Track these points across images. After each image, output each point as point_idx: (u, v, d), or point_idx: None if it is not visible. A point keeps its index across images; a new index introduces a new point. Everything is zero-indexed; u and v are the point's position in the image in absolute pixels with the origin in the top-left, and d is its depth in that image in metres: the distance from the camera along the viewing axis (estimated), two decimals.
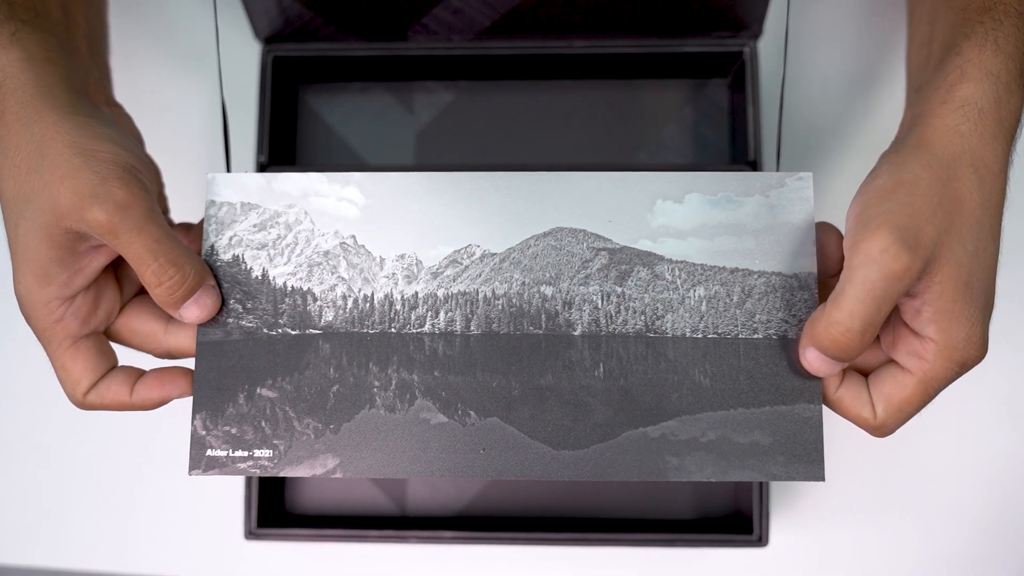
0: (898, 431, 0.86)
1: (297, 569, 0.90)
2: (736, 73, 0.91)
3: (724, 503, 0.87)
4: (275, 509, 0.86)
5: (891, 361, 0.63)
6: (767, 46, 0.89)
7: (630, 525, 0.85)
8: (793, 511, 0.88)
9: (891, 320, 0.62)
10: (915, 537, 0.88)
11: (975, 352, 0.60)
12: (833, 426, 0.85)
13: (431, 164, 0.91)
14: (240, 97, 0.90)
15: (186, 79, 0.93)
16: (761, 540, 0.81)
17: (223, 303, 0.65)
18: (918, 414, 0.63)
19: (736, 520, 0.86)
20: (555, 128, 0.93)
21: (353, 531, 0.83)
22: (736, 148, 0.90)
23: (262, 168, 0.86)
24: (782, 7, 0.87)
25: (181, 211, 0.74)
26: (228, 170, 0.71)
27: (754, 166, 0.85)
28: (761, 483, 0.81)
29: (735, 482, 0.86)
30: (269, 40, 0.89)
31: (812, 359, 0.61)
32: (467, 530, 0.83)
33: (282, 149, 0.90)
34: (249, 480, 0.83)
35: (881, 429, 0.63)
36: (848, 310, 0.57)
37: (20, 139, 0.60)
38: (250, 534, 0.83)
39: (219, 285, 0.65)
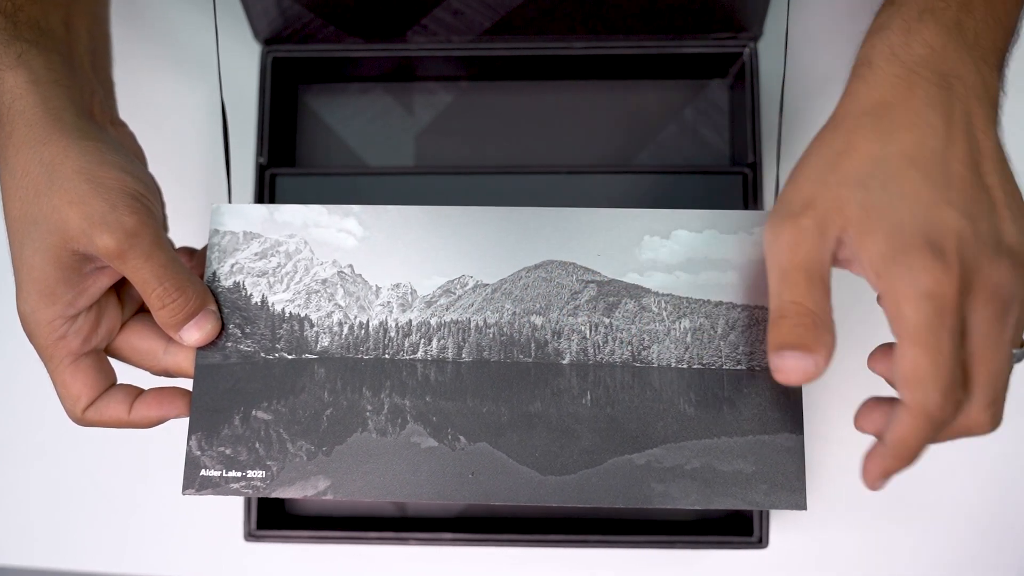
0: None
1: (297, 571, 0.90)
2: (736, 74, 0.91)
3: None
4: (275, 511, 0.87)
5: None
6: (767, 47, 0.89)
7: (630, 526, 0.85)
8: (793, 512, 0.88)
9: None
10: (915, 538, 0.88)
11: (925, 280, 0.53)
12: (833, 429, 0.86)
13: (431, 165, 0.92)
14: (240, 98, 0.91)
15: (186, 80, 0.93)
16: (761, 541, 0.82)
17: (223, 327, 0.67)
18: None
19: (736, 521, 0.86)
20: (555, 128, 0.93)
21: (353, 533, 0.84)
22: (736, 149, 0.91)
23: (262, 170, 0.87)
24: (782, 8, 0.86)
25: (181, 212, 0.75)
26: (228, 171, 0.73)
27: (754, 168, 0.86)
28: None
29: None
30: (269, 41, 0.90)
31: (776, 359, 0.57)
32: (467, 531, 0.83)
33: (282, 150, 0.91)
34: None
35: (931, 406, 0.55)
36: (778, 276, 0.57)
37: (28, 162, 0.61)
38: (250, 535, 0.83)
39: (219, 310, 0.67)
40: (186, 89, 0.93)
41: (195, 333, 0.65)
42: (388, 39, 0.89)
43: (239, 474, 0.65)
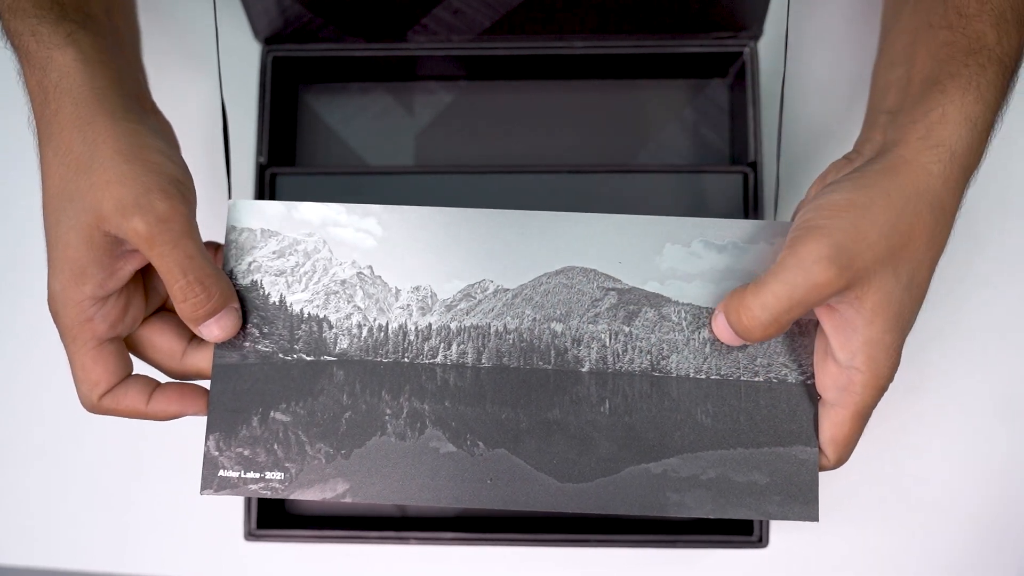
0: (896, 432, 0.88)
1: (297, 570, 0.90)
2: (736, 74, 0.91)
3: None
4: (275, 510, 0.86)
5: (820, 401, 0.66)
6: (767, 47, 0.90)
7: (630, 526, 0.85)
8: None
9: (820, 360, 0.65)
10: (915, 538, 0.89)
11: (893, 376, 0.63)
12: None
13: (431, 165, 0.91)
14: (240, 98, 0.90)
15: (186, 80, 0.93)
16: (761, 541, 0.82)
17: (243, 324, 0.66)
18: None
19: (736, 521, 0.85)
20: (555, 128, 0.93)
21: (353, 532, 0.83)
22: (736, 149, 0.91)
23: (262, 169, 0.86)
24: (782, 8, 0.86)
25: None
26: (228, 171, 0.72)
27: (754, 167, 0.86)
28: None
29: None
30: (269, 40, 0.89)
31: (719, 324, 0.64)
32: (467, 531, 0.83)
33: (282, 150, 0.90)
34: None
35: (838, 465, 0.67)
36: (762, 301, 0.60)
37: (72, 139, 0.61)
38: (250, 535, 0.83)
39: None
40: (186, 88, 0.92)
41: (215, 330, 0.64)
42: (388, 39, 0.89)
43: (257, 475, 0.65)
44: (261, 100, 0.88)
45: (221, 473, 0.65)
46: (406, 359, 0.66)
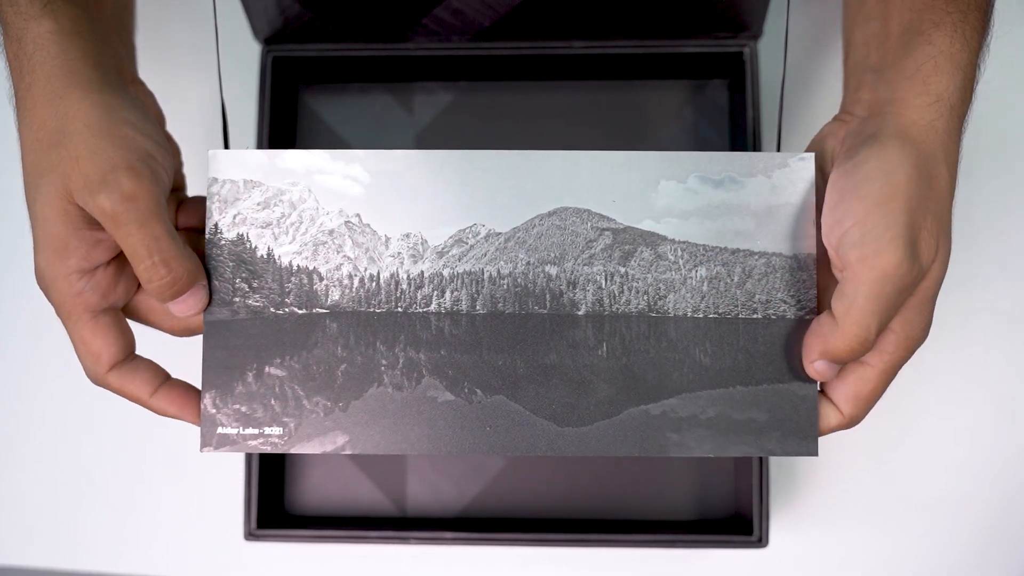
0: (896, 432, 0.88)
1: (297, 570, 0.90)
2: (736, 74, 0.91)
3: (724, 504, 0.87)
4: (275, 510, 0.86)
5: None
6: (767, 47, 0.90)
7: (630, 526, 0.85)
8: (793, 512, 0.89)
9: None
10: (915, 538, 0.88)
11: (926, 336, 0.62)
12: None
13: None
14: (240, 98, 0.91)
15: (185, 80, 0.93)
16: (761, 541, 0.81)
17: (232, 278, 0.65)
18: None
19: (736, 521, 0.86)
20: (555, 129, 0.93)
21: (353, 532, 0.83)
22: (736, 149, 0.90)
23: None
24: (782, 8, 0.87)
25: None
26: None
27: None
28: (761, 483, 0.81)
29: (735, 482, 0.87)
30: (269, 41, 0.90)
31: (822, 368, 0.62)
32: (467, 531, 0.82)
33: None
34: (249, 480, 0.83)
35: (852, 423, 0.65)
36: (864, 324, 0.58)
37: (45, 114, 0.60)
38: (250, 535, 0.82)
39: (225, 264, 0.65)
40: (186, 88, 0.92)
41: (181, 307, 0.63)
42: (388, 39, 0.89)
43: (256, 431, 0.64)
44: (261, 100, 0.88)
45: (220, 430, 0.64)
46: (399, 308, 0.66)
